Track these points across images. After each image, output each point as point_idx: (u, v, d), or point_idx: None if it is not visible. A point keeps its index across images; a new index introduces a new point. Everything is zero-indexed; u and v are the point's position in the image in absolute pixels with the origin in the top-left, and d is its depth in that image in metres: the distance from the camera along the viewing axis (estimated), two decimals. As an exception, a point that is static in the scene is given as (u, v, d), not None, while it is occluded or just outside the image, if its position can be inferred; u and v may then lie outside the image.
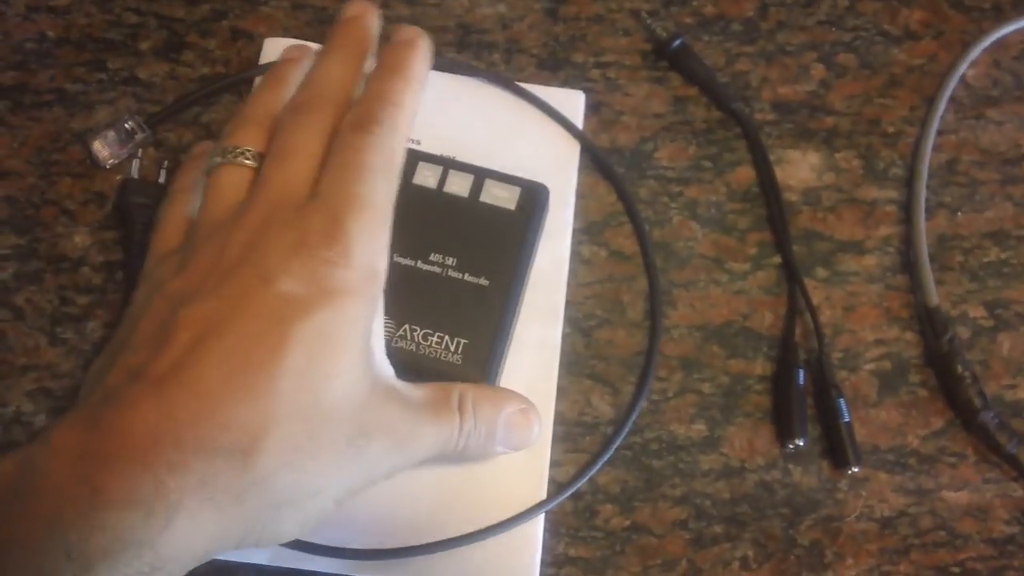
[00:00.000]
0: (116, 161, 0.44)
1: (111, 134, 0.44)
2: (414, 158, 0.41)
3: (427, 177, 0.41)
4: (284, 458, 0.27)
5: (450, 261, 0.39)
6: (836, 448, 0.41)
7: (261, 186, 0.31)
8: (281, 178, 0.31)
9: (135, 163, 0.44)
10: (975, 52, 0.49)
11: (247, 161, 0.32)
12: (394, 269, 0.38)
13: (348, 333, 0.29)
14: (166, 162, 0.44)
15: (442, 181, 0.41)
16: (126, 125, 0.44)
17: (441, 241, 0.40)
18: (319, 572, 0.38)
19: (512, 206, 0.41)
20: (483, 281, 0.39)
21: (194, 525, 0.26)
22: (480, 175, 0.41)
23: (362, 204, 0.30)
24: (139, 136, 0.44)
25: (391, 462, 0.31)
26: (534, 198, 0.41)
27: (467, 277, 0.39)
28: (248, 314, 0.28)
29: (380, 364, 0.32)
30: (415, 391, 0.32)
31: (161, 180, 0.43)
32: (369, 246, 0.30)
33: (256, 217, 0.30)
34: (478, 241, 0.40)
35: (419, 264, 0.39)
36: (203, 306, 0.28)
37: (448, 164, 0.41)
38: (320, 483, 0.29)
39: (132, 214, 0.42)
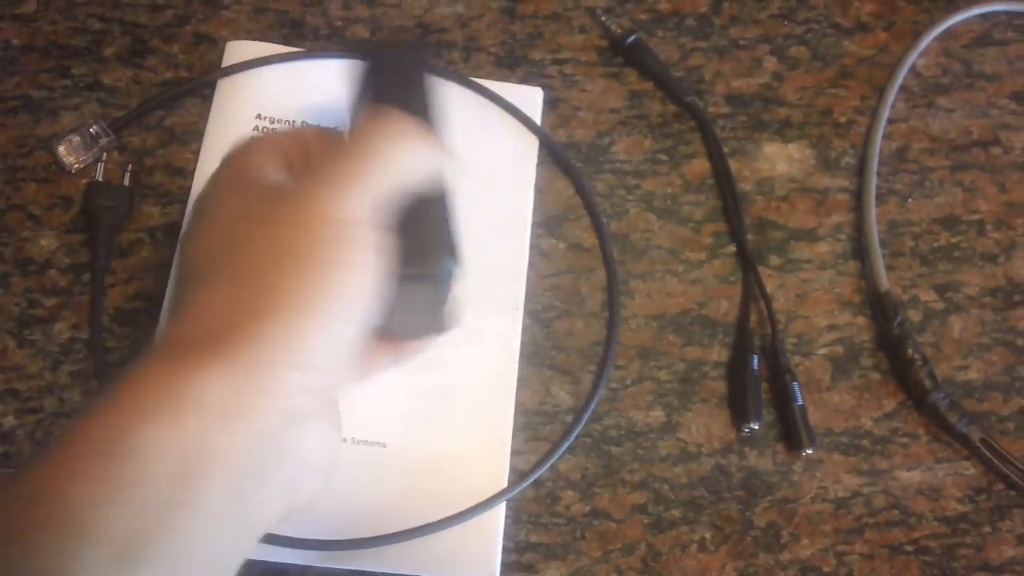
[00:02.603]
0: (81, 165, 0.44)
1: (76, 139, 0.44)
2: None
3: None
4: None
5: None
6: (791, 431, 0.42)
7: None
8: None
9: (100, 167, 0.44)
10: (925, 42, 0.51)
11: None
12: None
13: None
14: (130, 165, 0.44)
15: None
16: (91, 130, 0.44)
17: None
18: (284, 564, 0.39)
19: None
20: None
21: None
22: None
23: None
24: (104, 140, 0.44)
25: None
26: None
27: None
28: None
29: None
30: None
31: (126, 183, 0.44)
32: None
33: None
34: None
35: None
36: None
37: None
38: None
39: (98, 217, 0.43)
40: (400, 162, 0.29)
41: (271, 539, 0.38)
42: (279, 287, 0.27)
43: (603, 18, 0.49)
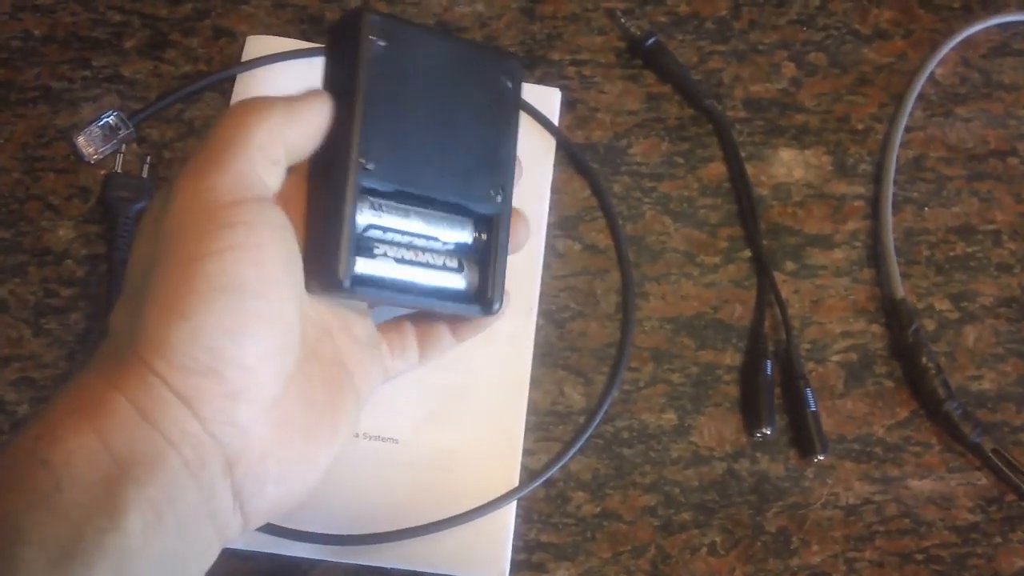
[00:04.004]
0: (100, 157, 0.45)
1: (95, 130, 0.44)
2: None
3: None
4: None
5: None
6: (803, 437, 0.42)
7: None
8: None
9: (119, 158, 0.44)
10: (944, 50, 0.50)
11: None
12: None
13: None
14: (149, 157, 0.45)
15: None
16: (110, 121, 0.45)
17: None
18: (295, 557, 0.39)
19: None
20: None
21: None
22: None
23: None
24: (123, 132, 0.45)
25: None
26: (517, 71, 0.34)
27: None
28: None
29: None
30: None
31: (144, 175, 0.44)
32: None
33: None
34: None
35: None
36: None
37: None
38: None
39: (115, 208, 0.43)
40: (254, 135, 0.28)
41: (281, 532, 0.38)
42: (149, 297, 0.27)
43: (622, 20, 0.49)
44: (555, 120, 0.47)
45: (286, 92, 0.46)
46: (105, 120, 0.45)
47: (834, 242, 0.46)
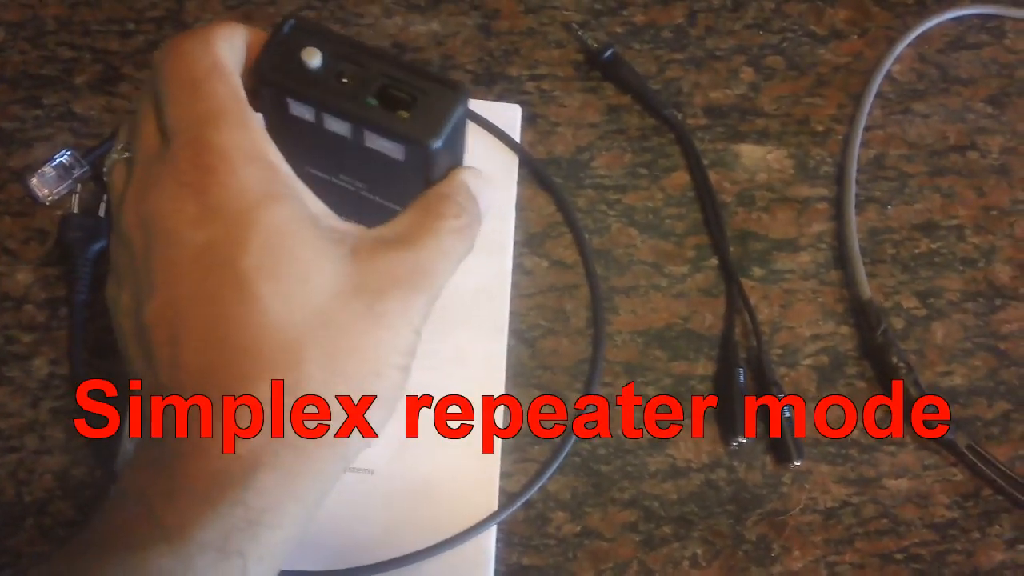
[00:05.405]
0: (55, 197, 0.44)
1: (48, 171, 0.44)
2: (280, 94, 0.31)
3: (303, 111, 0.31)
4: (328, 367, 0.27)
5: (360, 184, 0.34)
6: (778, 444, 0.42)
7: (130, 162, 0.30)
8: (138, 143, 0.29)
9: (74, 198, 0.44)
10: (900, 47, 0.51)
11: (127, 152, 0.30)
12: (310, 180, 0.32)
13: (287, 232, 0.27)
14: (105, 195, 0.44)
15: (319, 118, 0.31)
16: (63, 161, 0.44)
17: (345, 166, 0.33)
18: (274, 596, 0.38)
19: (401, 157, 0.31)
20: (398, 208, 0.33)
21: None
22: (359, 125, 0.30)
23: (211, 114, 0.27)
24: (77, 171, 0.44)
25: (418, 304, 0.29)
26: (426, 158, 0.31)
27: (380, 200, 0.34)
28: (189, 280, 0.26)
29: (342, 229, 0.29)
30: (396, 226, 0.30)
31: (101, 214, 0.43)
32: (245, 144, 0.27)
33: (134, 190, 0.28)
34: (381, 174, 0.33)
35: (334, 180, 0.34)
36: (152, 304, 0.27)
37: (322, 107, 0.31)
38: (372, 362, 0.28)
39: (74, 249, 0.42)
40: (459, 258, 0.30)
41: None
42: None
43: (579, 32, 0.49)
44: (516, 136, 0.47)
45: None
46: (58, 160, 0.44)
47: (800, 245, 0.46)
